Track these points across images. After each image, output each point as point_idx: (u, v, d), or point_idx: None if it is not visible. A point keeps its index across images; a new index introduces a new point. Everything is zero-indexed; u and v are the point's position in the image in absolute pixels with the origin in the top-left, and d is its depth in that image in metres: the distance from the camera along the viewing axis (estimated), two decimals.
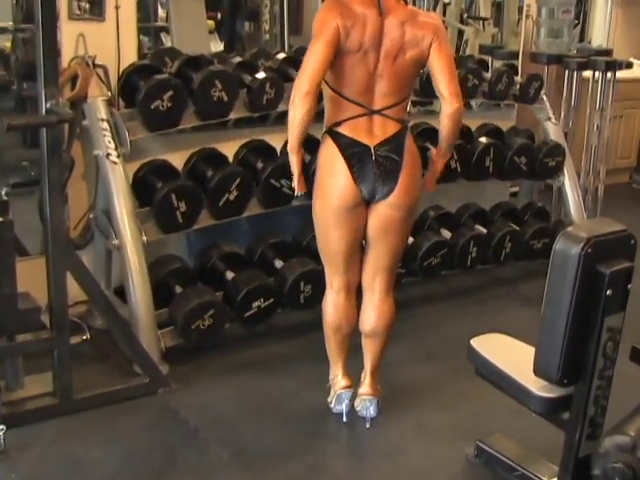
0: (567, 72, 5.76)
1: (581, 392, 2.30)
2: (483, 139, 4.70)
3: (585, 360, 2.25)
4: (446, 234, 4.57)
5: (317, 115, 2.86)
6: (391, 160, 2.87)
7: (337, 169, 2.87)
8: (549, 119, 5.19)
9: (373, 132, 2.89)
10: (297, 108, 2.76)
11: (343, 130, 2.90)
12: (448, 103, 2.88)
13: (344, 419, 3.19)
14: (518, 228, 4.80)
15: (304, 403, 3.31)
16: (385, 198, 2.89)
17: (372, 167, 2.86)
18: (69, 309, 3.17)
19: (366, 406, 3.18)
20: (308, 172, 3.07)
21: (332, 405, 3.22)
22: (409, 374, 3.64)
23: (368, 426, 3.15)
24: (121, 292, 3.63)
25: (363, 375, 3.24)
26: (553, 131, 5.18)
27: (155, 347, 3.50)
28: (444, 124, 2.94)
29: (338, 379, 3.22)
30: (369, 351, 3.21)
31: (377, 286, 3.11)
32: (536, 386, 2.35)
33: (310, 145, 3.18)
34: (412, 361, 3.76)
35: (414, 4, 7.18)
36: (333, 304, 3.10)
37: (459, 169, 4.52)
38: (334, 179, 2.88)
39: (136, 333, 3.43)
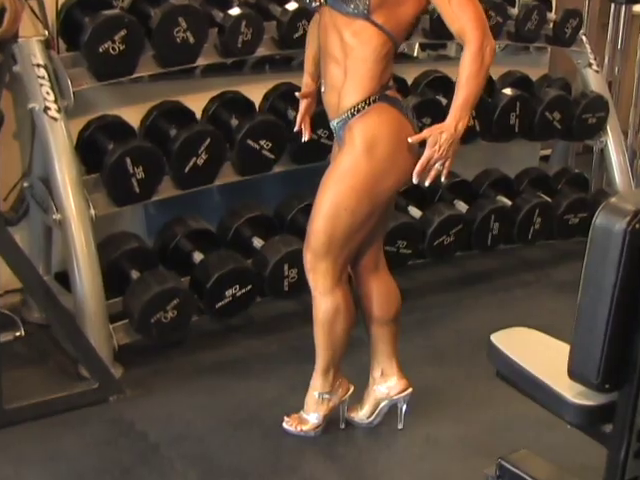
0: (613, 6, 5.73)
1: (627, 399, 2.29)
2: (507, 90, 4.69)
3: (631, 360, 2.25)
4: (461, 207, 4.58)
5: None
6: None
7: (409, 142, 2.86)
8: (589, 65, 5.18)
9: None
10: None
11: (394, 94, 2.94)
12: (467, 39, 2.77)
13: (341, 426, 3.24)
14: (550, 200, 4.81)
15: (287, 412, 3.31)
16: None
17: None
18: None
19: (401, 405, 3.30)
20: None
21: (371, 419, 3.29)
22: (416, 377, 3.63)
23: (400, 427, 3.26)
24: (64, 278, 3.62)
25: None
26: (594, 80, 5.17)
27: (106, 345, 3.49)
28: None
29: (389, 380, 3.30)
30: (389, 338, 3.31)
31: (382, 264, 3.24)
32: (571, 392, 2.35)
33: None
34: (420, 361, 3.78)
35: None
36: (348, 303, 3.09)
37: (478, 127, 4.51)
38: (411, 152, 2.89)
39: (83, 328, 3.42)
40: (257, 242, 3.95)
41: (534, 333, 2.73)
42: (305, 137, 3.22)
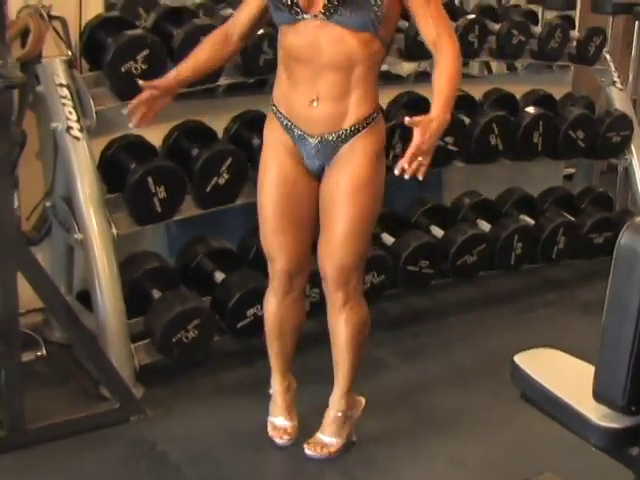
0: (637, 24, 5.72)
1: None
2: (531, 109, 4.69)
3: None
4: (484, 226, 4.56)
5: None
6: None
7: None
8: (613, 83, 5.17)
9: None
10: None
11: None
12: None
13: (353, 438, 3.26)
14: (574, 219, 4.79)
15: (308, 433, 3.30)
16: None
17: None
18: (20, 319, 3.17)
19: None
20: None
21: None
22: (440, 398, 3.63)
23: None
24: (85, 298, 3.63)
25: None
26: (618, 98, 5.16)
27: (127, 365, 3.49)
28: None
29: None
30: None
31: None
32: (596, 414, 2.33)
33: None
34: (444, 381, 3.76)
35: None
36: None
37: (500, 146, 4.51)
38: None
39: (104, 348, 3.43)
40: None
41: (558, 354, 2.72)
42: (132, 124, 3.05)
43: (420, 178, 2.71)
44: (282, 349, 3.25)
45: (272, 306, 3.18)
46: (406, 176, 2.69)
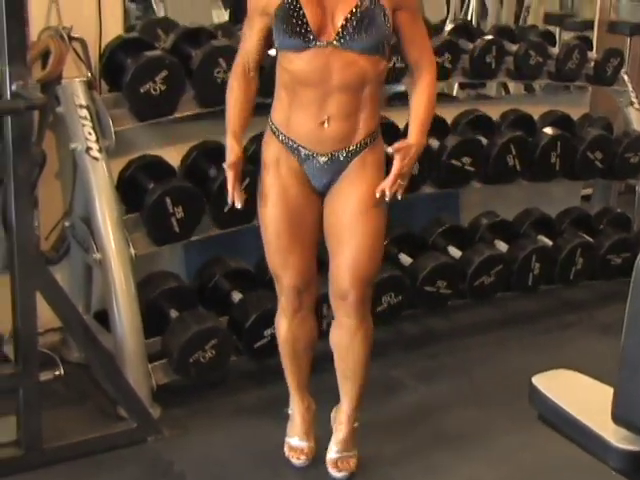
0: None
1: None
2: (548, 130, 4.69)
3: None
4: (502, 247, 4.56)
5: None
6: None
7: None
8: (631, 104, 5.18)
9: None
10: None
11: None
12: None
13: None
14: (592, 239, 4.78)
15: (326, 453, 3.30)
16: None
17: None
18: (39, 338, 3.18)
19: None
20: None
21: None
22: (457, 419, 3.62)
23: None
24: (103, 317, 3.64)
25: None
26: (636, 119, 5.17)
27: (145, 385, 3.50)
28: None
29: None
30: None
31: None
32: (616, 436, 2.32)
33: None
34: (461, 402, 3.75)
35: None
36: None
37: (518, 167, 4.51)
38: None
39: (121, 368, 3.43)
40: None
41: (577, 376, 2.71)
42: (239, 204, 2.99)
43: (399, 198, 2.91)
44: (297, 369, 3.25)
45: (283, 325, 3.18)
46: (387, 198, 2.88)
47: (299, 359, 3.23)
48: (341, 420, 3.24)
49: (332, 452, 3.23)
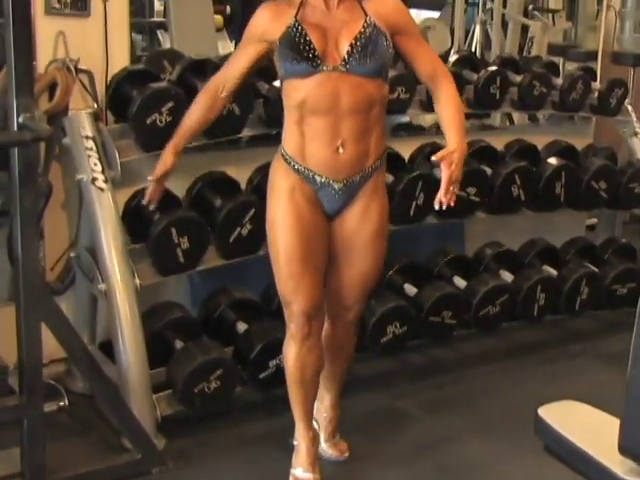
0: None
1: None
2: (553, 160, 4.70)
3: None
4: (507, 277, 4.56)
5: None
6: None
7: None
8: (636, 134, 5.19)
9: None
10: None
11: None
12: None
13: None
14: (597, 269, 4.78)
15: None
16: None
17: None
18: (43, 369, 3.18)
19: None
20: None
21: None
22: (463, 450, 3.61)
23: None
24: (108, 348, 3.64)
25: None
26: None
27: (149, 416, 3.49)
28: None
29: None
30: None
31: None
32: (622, 468, 2.31)
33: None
34: (466, 434, 3.73)
35: None
36: None
37: (523, 197, 4.52)
38: None
39: (126, 398, 3.43)
40: None
41: (583, 406, 2.70)
42: (145, 202, 3.30)
43: (451, 204, 2.99)
44: (305, 397, 3.24)
45: (292, 352, 3.17)
46: (444, 207, 2.99)
47: (307, 386, 3.22)
48: (329, 412, 3.39)
49: (327, 440, 3.38)
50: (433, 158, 2.98)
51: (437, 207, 2.99)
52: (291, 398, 3.26)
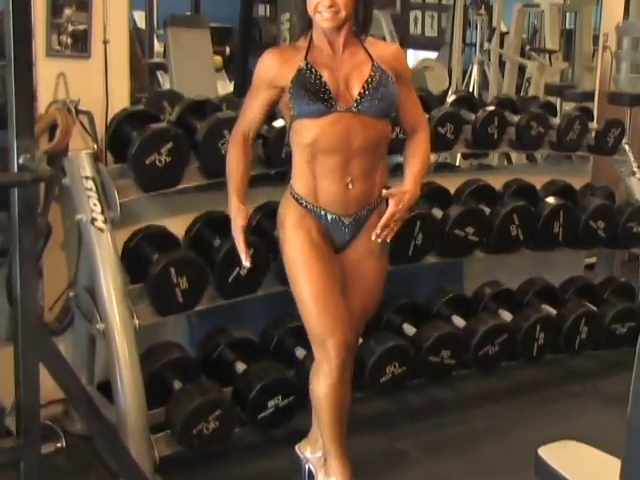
0: None
1: None
2: (551, 199, 4.72)
3: None
4: (506, 316, 4.55)
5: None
6: None
7: None
8: (633, 174, 5.21)
9: None
10: None
11: None
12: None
13: None
14: (596, 309, 4.77)
15: None
16: None
17: None
18: (41, 410, 3.16)
19: None
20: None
21: None
22: None
23: None
24: (106, 388, 3.62)
25: None
26: (638, 189, 5.18)
27: (147, 457, 3.47)
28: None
29: None
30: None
31: None
32: None
33: None
34: (466, 476, 3.71)
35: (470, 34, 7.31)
36: None
37: (521, 236, 4.53)
38: None
39: (124, 440, 3.41)
40: (299, 352, 3.95)
41: (583, 447, 2.69)
42: (248, 264, 3.08)
43: (387, 241, 3.05)
44: (343, 433, 3.19)
45: (329, 389, 3.09)
46: (379, 240, 3.01)
47: (343, 422, 3.18)
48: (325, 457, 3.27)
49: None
50: (384, 192, 3.05)
51: (373, 238, 3.02)
52: (327, 436, 3.18)
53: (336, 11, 2.89)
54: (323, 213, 3.05)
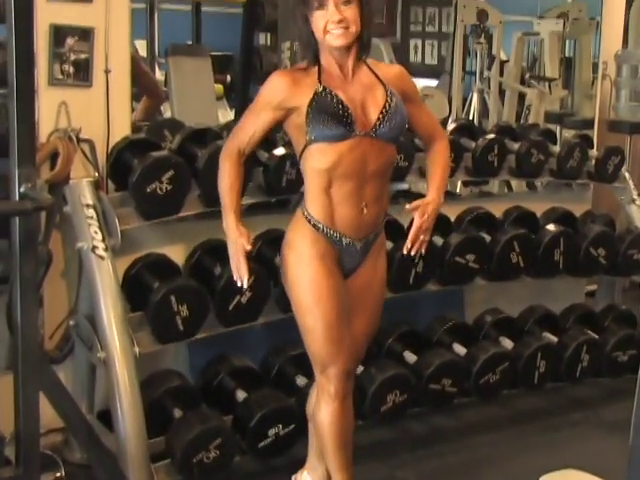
0: None
1: None
2: (551, 227, 4.72)
3: None
4: (507, 344, 4.55)
5: None
6: None
7: None
8: (633, 201, 5.21)
9: None
10: None
11: None
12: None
13: None
14: (597, 336, 4.76)
15: None
16: None
17: None
18: (40, 439, 3.15)
19: None
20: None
21: None
22: None
23: None
24: (106, 417, 3.62)
25: None
26: (638, 216, 5.18)
27: None
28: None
29: None
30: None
31: None
32: None
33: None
34: None
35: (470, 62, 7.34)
36: None
37: (522, 264, 4.53)
38: None
39: (124, 469, 3.40)
40: (300, 380, 3.95)
41: (585, 476, 2.68)
42: (246, 285, 3.08)
43: (422, 252, 3.13)
44: (349, 461, 3.19)
45: (332, 416, 3.11)
46: (412, 253, 3.09)
47: (348, 448, 3.18)
48: None
49: None
50: (407, 207, 3.07)
51: (405, 252, 3.09)
52: (333, 463, 3.18)
53: (346, 27, 2.89)
54: (339, 238, 3.04)
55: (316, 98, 2.93)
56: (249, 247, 3.00)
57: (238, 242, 3.00)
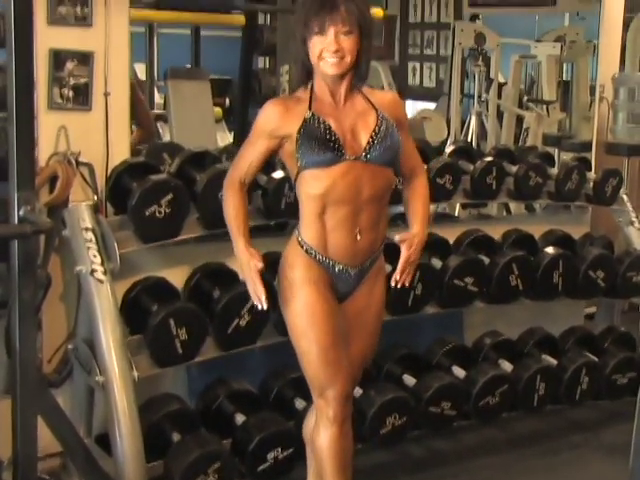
0: None
1: None
2: (550, 249, 4.73)
3: None
4: (506, 367, 4.54)
5: None
6: None
7: None
8: (632, 223, 5.21)
9: None
10: None
11: None
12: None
13: None
14: (597, 359, 4.76)
15: None
16: None
17: None
18: (38, 463, 3.14)
19: None
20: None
21: None
22: None
23: None
24: (105, 441, 3.60)
25: None
26: (637, 238, 5.19)
27: None
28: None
29: None
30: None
31: None
32: None
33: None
34: None
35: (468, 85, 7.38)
36: None
37: (521, 286, 4.53)
38: None
39: None
40: (299, 403, 3.94)
41: None
42: (266, 305, 3.05)
43: (406, 285, 3.14)
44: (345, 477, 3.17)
45: (330, 440, 3.09)
46: (399, 285, 3.11)
47: (348, 473, 3.16)
48: None
49: None
50: (396, 238, 3.07)
51: (393, 284, 3.10)
52: None
53: (342, 57, 2.90)
54: (331, 264, 3.04)
55: (305, 125, 2.95)
56: (261, 265, 3.01)
57: (250, 264, 3.02)
